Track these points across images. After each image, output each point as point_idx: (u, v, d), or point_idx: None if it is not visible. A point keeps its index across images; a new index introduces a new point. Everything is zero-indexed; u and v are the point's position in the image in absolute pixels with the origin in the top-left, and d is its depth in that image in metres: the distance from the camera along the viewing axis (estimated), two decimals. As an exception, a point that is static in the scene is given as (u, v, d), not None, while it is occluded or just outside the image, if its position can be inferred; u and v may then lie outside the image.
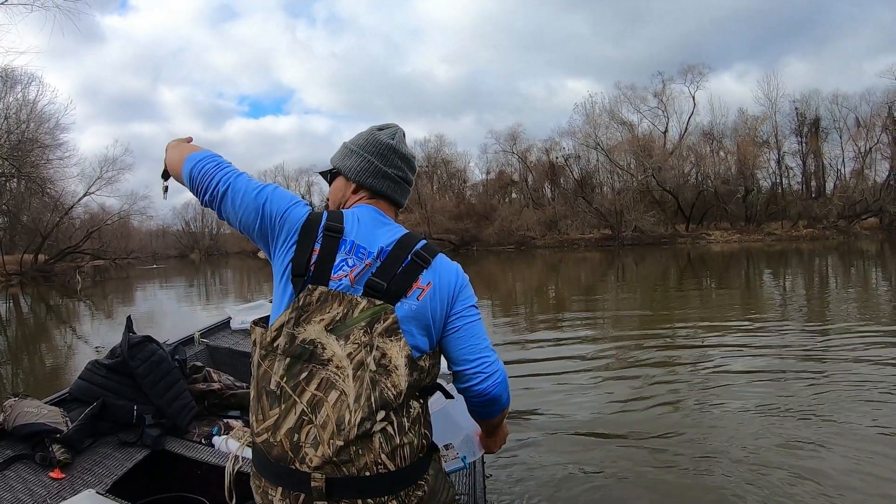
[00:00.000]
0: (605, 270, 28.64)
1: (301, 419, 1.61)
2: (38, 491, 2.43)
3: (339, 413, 1.59)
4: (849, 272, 21.81)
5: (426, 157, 76.21)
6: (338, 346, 1.63)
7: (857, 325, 9.93)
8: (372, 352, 1.63)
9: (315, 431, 1.60)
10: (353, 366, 1.62)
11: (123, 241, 60.18)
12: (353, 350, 1.63)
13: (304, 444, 1.60)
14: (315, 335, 1.64)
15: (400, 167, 1.96)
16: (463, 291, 1.83)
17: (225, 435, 3.07)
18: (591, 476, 4.26)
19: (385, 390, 1.63)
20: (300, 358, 1.63)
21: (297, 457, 1.60)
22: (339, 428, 1.59)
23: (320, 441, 1.59)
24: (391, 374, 1.64)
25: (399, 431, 1.65)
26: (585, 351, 8.76)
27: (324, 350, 1.63)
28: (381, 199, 1.93)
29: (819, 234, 52.73)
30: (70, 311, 20.33)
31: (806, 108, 60.00)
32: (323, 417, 1.60)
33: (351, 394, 1.60)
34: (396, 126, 2.03)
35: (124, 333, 3.22)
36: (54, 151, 41.36)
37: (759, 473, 4.15)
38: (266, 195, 1.77)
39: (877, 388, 6.16)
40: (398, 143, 1.97)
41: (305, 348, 1.63)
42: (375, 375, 1.63)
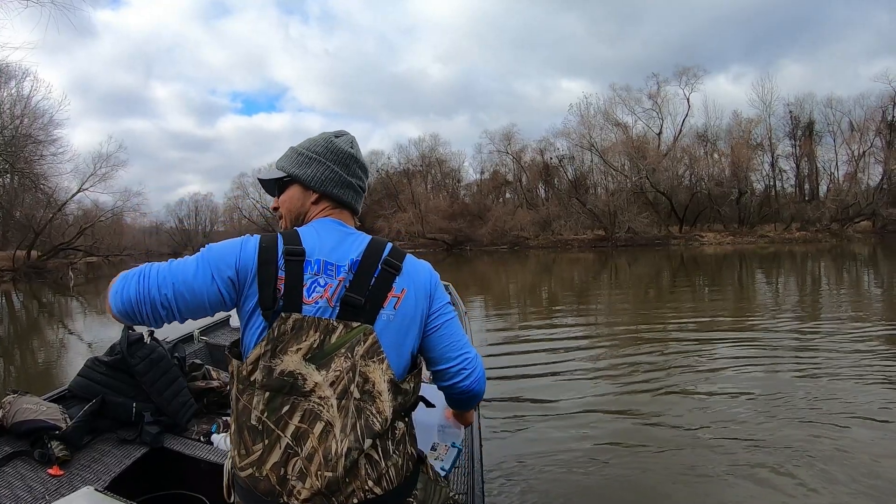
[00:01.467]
0: (599, 271, 28.68)
1: (286, 453, 1.56)
2: (36, 488, 2.43)
3: (326, 445, 1.55)
4: (841, 275, 21.92)
5: (420, 157, 76.38)
6: (319, 376, 1.56)
7: (847, 324, 10.03)
8: (355, 378, 1.58)
9: (301, 464, 1.55)
10: (336, 395, 1.57)
11: (116, 237, 60.07)
12: (335, 378, 1.57)
13: (291, 478, 1.55)
14: (294, 366, 1.56)
15: (360, 176, 1.90)
16: (437, 290, 1.81)
17: (224, 433, 3.07)
18: (591, 474, 4.28)
19: (371, 417, 1.59)
20: (280, 391, 1.56)
21: (285, 490, 1.55)
22: (326, 460, 1.55)
23: (308, 474, 1.55)
24: (375, 399, 1.60)
25: (384, 456, 1.62)
26: (580, 348, 8.84)
27: (304, 381, 1.56)
28: (344, 210, 1.86)
29: (812, 236, 52.91)
30: (63, 308, 20.28)
31: (800, 112, 60.42)
32: (308, 450, 1.55)
33: (337, 424, 1.56)
34: (348, 133, 1.94)
35: (123, 331, 3.20)
36: (48, 147, 41.10)
37: (750, 467, 4.20)
38: (209, 260, 1.63)
39: (865, 382, 6.35)
40: (357, 151, 1.90)
41: (285, 381, 1.55)
42: (360, 403, 1.58)
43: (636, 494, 3.98)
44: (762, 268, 26.39)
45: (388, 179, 76.26)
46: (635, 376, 7.05)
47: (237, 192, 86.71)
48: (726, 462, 4.38)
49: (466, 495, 2.63)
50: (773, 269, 25.24)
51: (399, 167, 77.70)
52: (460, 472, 2.83)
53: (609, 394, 6.38)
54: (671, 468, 4.33)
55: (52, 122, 41.25)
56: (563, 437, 5.04)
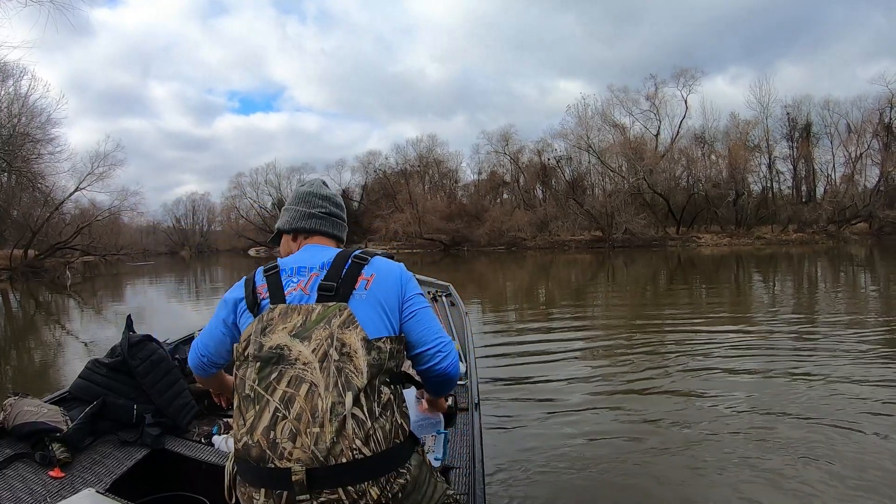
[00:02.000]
0: (596, 272, 28.69)
1: (275, 416, 1.70)
2: (37, 490, 2.44)
3: (312, 403, 1.69)
4: (838, 276, 21.96)
5: (418, 157, 76.36)
6: (302, 346, 1.76)
7: (844, 324, 10.08)
8: (333, 343, 1.76)
9: (290, 425, 1.68)
10: (318, 359, 1.74)
11: (113, 237, 59.80)
12: (316, 346, 1.76)
13: (281, 440, 1.67)
14: (280, 340, 1.78)
15: (321, 205, 2.22)
16: (409, 282, 2.02)
17: (225, 434, 3.07)
18: (592, 473, 4.29)
19: (350, 374, 1.73)
20: (269, 361, 1.76)
21: (276, 454, 1.67)
22: (313, 417, 1.67)
23: (297, 432, 1.67)
24: (352, 358, 1.75)
25: (370, 416, 1.72)
26: (578, 348, 8.87)
27: (290, 352, 1.76)
28: (316, 236, 2.19)
29: (809, 238, 53.02)
30: (60, 308, 20.24)
31: (797, 113, 60.52)
32: (296, 410, 1.69)
33: (320, 383, 1.71)
34: (317, 178, 2.38)
35: (124, 332, 3.21)
36: (45, 146, 40.92)
37: (749, 467, 4.20)
38: (217, 315, 2.05)
39: (862, 386, 6.33)
40: (316, 187, 2.28)
41: (273, 352, 1.77)
42: (339, 363, 1.74)
43: (636, 493, 3.99)
44: (759, 269, 26.42)
45: (386, 180, 76.33)
46: (634, 376, 7.07)
47: (234, 191, 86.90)
48: (725, 460, 4.40)
49: (467, 496, 2.64)
50: (770, 271, 25.26)
51: (397, 167, 77.81)
52: (461, 473, 2.83)
53: (608, 393, 6.40)
54: (671, 467, 4.35)
55: (50, 120, 41.01)
56: (564, 435, 5.05)
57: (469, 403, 3.50)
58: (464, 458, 3.00)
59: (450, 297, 7.47)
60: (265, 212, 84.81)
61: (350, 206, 79.39)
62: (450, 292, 7.68)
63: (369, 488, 1.70)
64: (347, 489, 1.68)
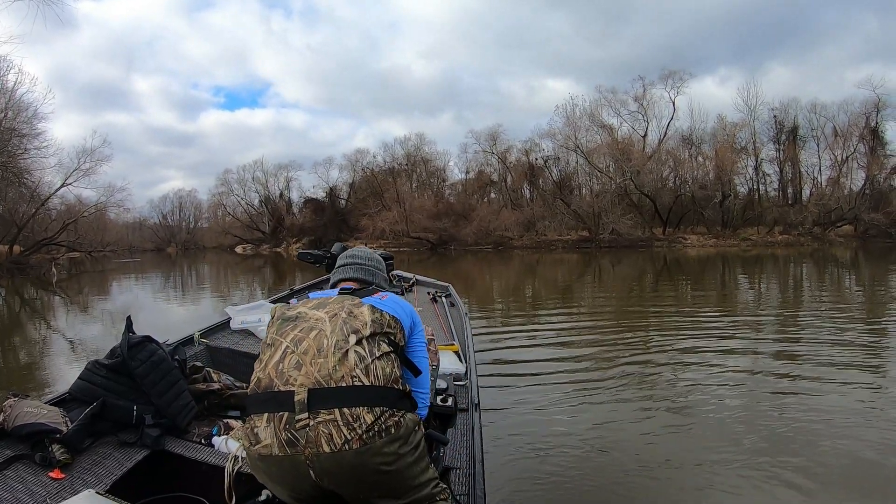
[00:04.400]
0: (582, 271, 28.80)
1: (285, 352, 1.97)
2: (37, 491, 2.43)
3: (319, 342, 1.97)
4: (822, 277, 22.15)
5: (406, 155, 76.23)
6: (318, 312, 2.11)
7: (826, 325, 10.20)
8: (343, 308, 2.11)
9: (297, 358, 1.93)
10: (328, 317, 2.07)
11: (100, 233, 59.56)
12: (329, 310, 2.11)
13: (288, 369, 1.91)
14: (300, 309, 2.15)
15: (351, 261, 2.64)
16: (419, 325, 2.35)
17: (225, 435, 3.07)
18: (590, 474, 4.32)
19: (354, 323, 2.04)
20: (288, 319, 2.12)
21: (282, 381, 1.89)
22: (319, 351, 1.93)
23: (303, 363, 1.91)
24: (357, 316, 2.08)
25: (370, 354, 1.96)
26: (574, 347, 8.93)
27: (307, 314, 2.11)
28: (349, 282, 2.56)
29: (794, 240, 53.39)
30: (45, 304, 20.10)
31: (784, 116, 60.78)
32: (304, 347, 1.96)
33: (328, 328, 2.01)
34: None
35: (124, 333, 3.20)
36: (32, 141, 40.60)
37: (737, 465, 4.25)
38: None
39: (843, 384, 6.54)
40: (351, 251, 2.75)
41: (293, 314, 2.14)
42: (346, 318, 2.06)
43: (636, 493, 4.01)
44: (744, 270, 26.57)
45: (374, 178, 76.13)
46: (632, 376, 7.15)
47: (221, 188, 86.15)
48: (726, 470, 4.42)
49: (468, 496, 2.66)
50: (756, 272, 25.41)
51: (384, 166, 77.63)
52: (461, 473, 2.85)
53: (608, 393, 6.43)
54: (669, 466, 4.40)
55: (37, 115, 40.72)
56: (563, 434, 5.09)
57: (469, 404, 3.52)
58: (464, 458, 3.02)
59: (450, 297, 7.48)
60: (252, 209, 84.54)
61: (337, 205, 79.28)
62: (450, 293, 7.68)
63: (364, 413, 1.83)
64: (343, 410, 1.82)
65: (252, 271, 35.84)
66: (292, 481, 1.88)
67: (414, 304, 3.15)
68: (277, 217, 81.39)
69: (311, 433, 1.80)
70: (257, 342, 5.02)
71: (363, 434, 1.81)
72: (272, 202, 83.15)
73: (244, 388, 3.74)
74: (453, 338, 5.41)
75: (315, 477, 1.83)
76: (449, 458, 2.97)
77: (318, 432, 1.80)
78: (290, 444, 1.81)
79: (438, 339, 4.91)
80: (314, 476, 1.83)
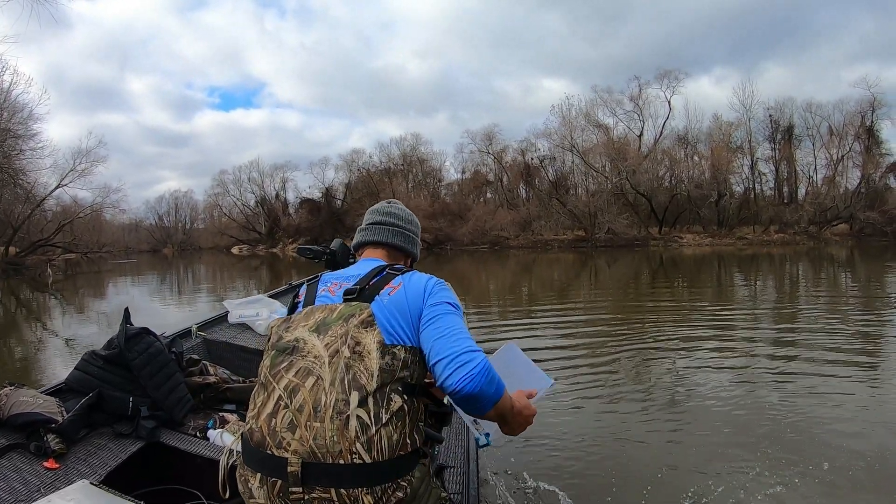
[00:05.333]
0: (579, 271, 28.78)
1: (278, 404, 1.74)
2: (32, 480, 2.44)
3: (316, 396, 1.71)
4: (818, 275, 22.19)
5: (402, 155, 76.27)
6: (317, 340, 1.81)
7: (822, 322, 10.20)
8: (347, 341, 1.78)
9: (291, 416, 1.71)
10: (329, 354, 1.77)
11: (95, 234, 59.34)
12: (330, 342, 1.80)
13: (281, 429, 1.70)
14: (298, 334, 1.86)
15: (370, 217, 2.36)
16: (437, 291, 1.97)
17: (220, 428, 3.07)
18: (583, 473, 4.32)
19: (358, 373, 1.73)
20: (283, 351, 1.84)
21: (275, 442, 1.70)
22: (315, 411, 1.69)
23: (297, 424, 1.69)
24: (364, 358, 1.76)
25: (375, 421, 1.69)
26: (568, 346, 8.92)
27: (304, 345, 1.82)
28: (367, 248, 2.32)
29: (790, 239, 53.47)
30: (41, 305, 20.04)
31: (780, 116, 60.89)
32: (299, 401, 1.71)
33: (326, 378, 1.73)
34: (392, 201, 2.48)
35: (121, 325, 3.20)
36: (27, 142, 40.54)
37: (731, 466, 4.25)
38: None
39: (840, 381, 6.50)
40: (378, 206, 2.41)
41: (289, 344, 1.85)
42: (349, 361, 1.75)
43: (632, 491, 4.00)
44: (740, 269, 26.61)
45: (370, 178, 76.15)
46: (627, 372, 7.19)
47: (217, 189, 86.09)
48: (717, 456, 4.46)
49: (461, 495, 2.66)
50: (752, 271, 25.46)
51: (380, 166, 77.68)
52: (455, 472, 2.85)
53: (602, 391, 6.44)
54: (667, 466, 4.36)
55: (32, 116, 40.60)
56: (559, 434, 5.06)
57: None
58: (458, 457, 3.02)
59: None
60: (248, 209, 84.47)
61: (333, 205, 79.25)
62: None
63: (363, 495, 1.67)
64: (340, 492, 1.66)
65: (248, 272, 35.76)
66: None
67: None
68: (273, 218, 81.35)
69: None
70: (255, 336, 5.04)
71: None
72: (268, 203, 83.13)
73: (240, 381, 3.74)
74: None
75: None
76: (444, 456, 2.99)
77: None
78: None
79: None
80: None
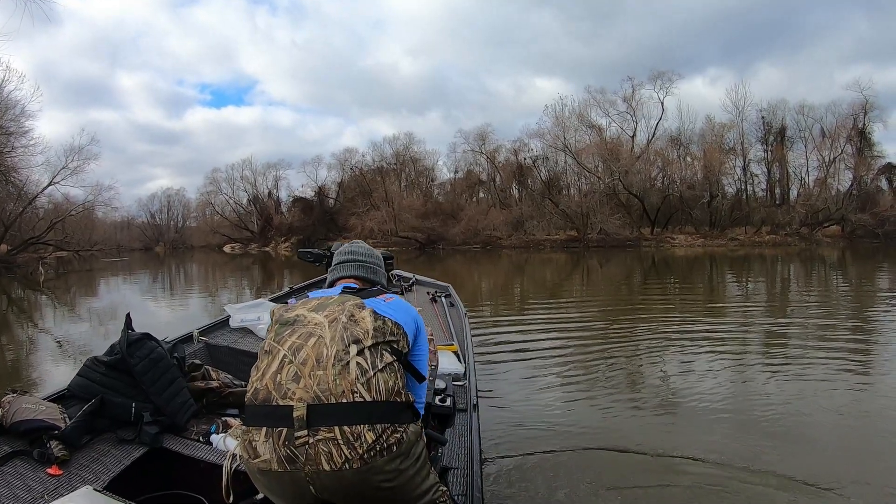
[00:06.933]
0: (571, 271, 28.89)
1: (283, 362, 1.90)
2: (35, 487, 2.43)
3: (318, 350, 1.89)
4: (809, 276, 22.32)
5: (395, 155, 76.15)
6: (317, 315, 2.02)
7: (813, 323, 10.38)
8: (344, 312, 2.02)
9: (295, 369, 1.86)
10: (328, 322, 1.98)
11: (87, 232, 58.90)
12: (328, 313, 2.02)
13: (286, 382, 1.84)
14: (299, 311, 2.07)
15: (337, 259, 2.55)
16: (423, 330, 2.26)
17: (223, 433, 3.07)
18: (587, 474, 4.31)
19: (355, 330, 1.95)
20: (286, 323, 2.04)
21: (280, 394, 1.83)
22: (318, 362, 1.86)
23: (301, 375, 1.84)
24: (359, 322, 1.99)
25: (372, 367, 1.88)
26: (569, 346, 8.97)
27: (306, 317, 2.03)
28: (348, 280, 2.46)
29: (781, 240, 53.67)
30: (32, 304, 19.97)
31: (772, 118, 61.10)
32: (303, 357, 1.88)
33: (327, 336, 1.93)
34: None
35: (123, 330, 3.20)
36: (19, 139, 40.30)
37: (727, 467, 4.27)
38: None
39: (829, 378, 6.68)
40: (346, 246, 2.61)
41: (291, 318, 2.05)
42: (347, 324, 1.97)
43: (634, 489, 4.02)
44: (732, 270, 26.72)
45: (362, 177, 76.03)
46: (631, 374, 7.26)
47: (210, 187, 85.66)
48: (716, 453, 4.48)
49: (465, 496, 2.66)
50: (743, 271, 25.57)
51: (373, 165, 77.53)
52: (459, 474, 2.86)
53: (606, 392, 6.47)
54: (668, 469, 4.38)
55: (24, 113, 40.29)
56: (561, 435, 5.08)
57: (468, 404, 3.52)
58: (462, 458, 3.02)
59: (449, 297, 7.45)
60: (241, 208, 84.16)
61: (326, 204, 79.09)
62: (449, 293, 7.64)
63: (365, 431, 1.79)
64: (344, 429, 1.77)
65: (241, 271, 35.68)
66: (292, 496, 1.85)
67: (413, 303, 3.13)
68: (266, 216, 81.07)
69: (310, 450, 1.77)
70: (256, 340, 5.04)
71: (364, 454, 1.78)
72: (261, 201, 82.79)
73: (243, 386, 3.74)
74: (452, 338, 5.42)
75: (315, 492, 1.81)
76: (447, 458, 2.98)
77: (317, 450, 1.77)
78: (290, 460, 1.78)
79: (438, 340, 4.91)
80: (314, 491, 1.81)
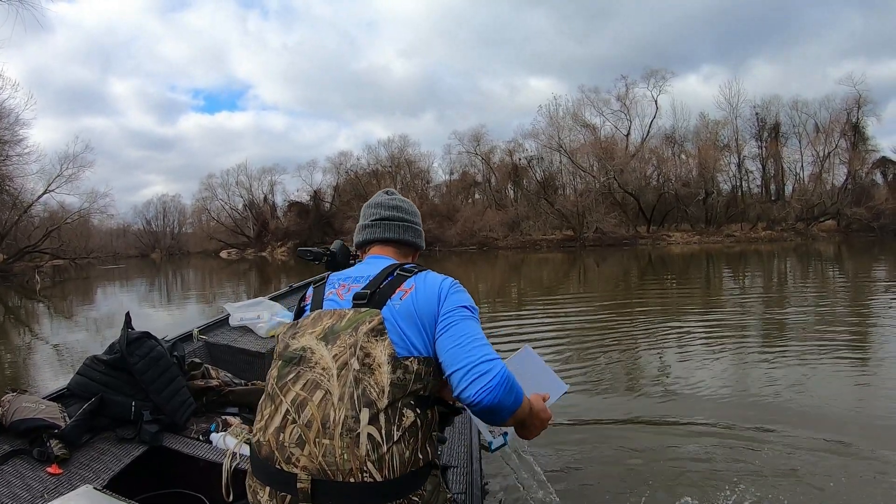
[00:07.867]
0: (568, 270, 28.88)
1: (285, 419, 1.68)
2: (35, 486, 2.43)
3: (324, 412, 1.64)
4: (806, 271, 22.37)
5: (390, 157, 76.16)
6: (325, 350, 1.73)
7: (811, 317, 10.34)
8: (356, 352, 1.70)
9: (299, 431, 1.65)
10: (337, 366, 1.69)
11: (83, 240, 58.96)
12: (338, 352, 1.72)
13: (289, 445, 1.65)
14: (306, 343, 1.77)
15: (374, 212, 2.20)
16: (452, 294, 1.86)
17: (223, 432, 3.06)
18: (586, 472, 4.31)
19: (368, 388, 1.65)
20: (290, 361, 1.76)
21: (283, 457, 1.65)
22: (324, 427, 1.63)
23: (306, 440, 1.63)
24: (374, 372, 1.67)
25: (387, 439, 1.63)
26: (566, 344, 8.95)
27: (312, 354, 1.74)
28: (374, 246, 2.17)
29: (777, 235, 53.81)
30: (29, 312, 19.95)
31: (766, 114, 61.42)
32: (307, 416, 1.65)
33: (335, 392, 1.66)
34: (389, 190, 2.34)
35: (123, 329, 3.20)
36: (14, 147, 40.12)
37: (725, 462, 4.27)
38: None
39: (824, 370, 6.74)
40: (375, 198, 2.26)
41: (296, 354, 1.77)
42: (359, 374, 1.67)
43: (634, 492, 4.01)
44: (729, 266, 26.77)
45: (357, 180, 75.99)
46: (624, 371, 7.26)
47: (205, 193, 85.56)
48: (716, 450, 4.50)
49: (465, 495, 2.67)
50: (740, 267, 25.62)
51: (368, 168, 77.52)
52: (458, 472, 2.86)
53: (603, 388, 6.48)
54: (669, 466, 4.37)
55: (18, 121, 39.99)
56: (560, 433, 5.07)
57: None
58: (461, 456, 3.02)
59: None
60: (236, 213, 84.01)
61: (321, 208, 79.03)
62: None
63: None
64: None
65: (238, 276, 35.64)
66: None
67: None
68: (262, 221, 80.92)
69: None
70: (256, 339, 5.04)
71: None
72: (256, 206, 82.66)
73: (242, 384, 3.75)
74: None
75: None
76: (447, 456, 2.99)
77: None
78: None
79: None
80: None
